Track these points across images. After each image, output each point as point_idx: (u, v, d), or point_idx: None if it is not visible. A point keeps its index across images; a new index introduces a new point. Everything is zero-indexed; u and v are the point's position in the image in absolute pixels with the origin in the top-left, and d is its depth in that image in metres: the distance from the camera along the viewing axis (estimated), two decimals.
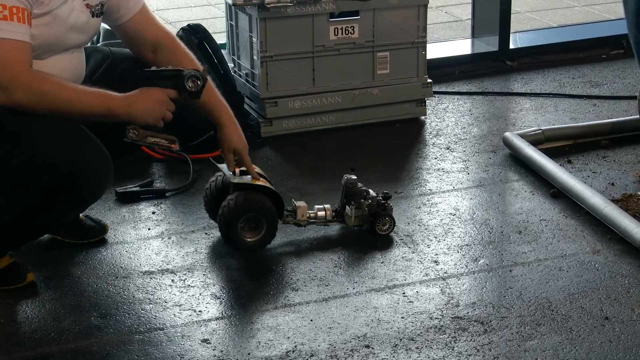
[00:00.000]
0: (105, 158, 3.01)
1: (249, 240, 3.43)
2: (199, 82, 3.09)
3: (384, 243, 3.51)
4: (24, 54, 2.90)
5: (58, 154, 2.92)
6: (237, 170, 3.45)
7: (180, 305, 3.15)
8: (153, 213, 3.78)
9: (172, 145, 3.23)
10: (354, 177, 3.58)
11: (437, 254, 3.44)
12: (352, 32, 4.44)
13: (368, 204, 3.54)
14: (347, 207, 3.54)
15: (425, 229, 3.62)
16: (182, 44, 3.42)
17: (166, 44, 3.34)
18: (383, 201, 3.57)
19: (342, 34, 4.43)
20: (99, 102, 2.99)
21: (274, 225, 3.44)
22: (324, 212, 3.56)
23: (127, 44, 3.36)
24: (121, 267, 3.39)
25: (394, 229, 3.56)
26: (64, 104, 2.94)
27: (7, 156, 2.94)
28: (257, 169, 3.48)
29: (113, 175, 3.07)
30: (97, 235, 3.58)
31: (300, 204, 3.54)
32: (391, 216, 3.55)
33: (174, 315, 3.10)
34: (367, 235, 3.56)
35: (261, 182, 3.42)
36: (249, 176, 3.43)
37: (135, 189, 3.92)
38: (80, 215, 3.59)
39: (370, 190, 3.60)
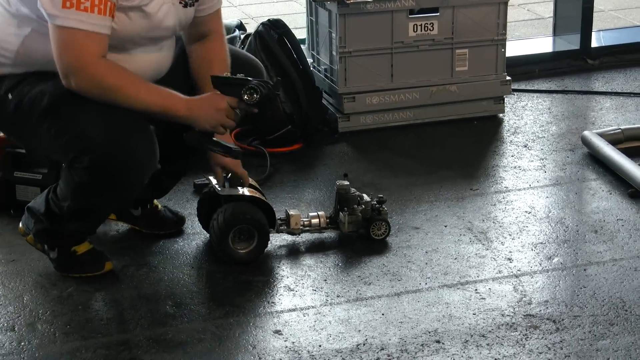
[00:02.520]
0: (151, 148, 3.03)
1: (240, 251, 3.38)
2: (255, 95, 3.05)
3: (457, 239, 3.51)
4: (97, 46, 2.93)
5: (105, 135, 2.94)
6: (226, 179, 3.40)
7: (254, 297, 3.18)
8: None
9: (227, 155, 3.22)
10: (346, 182, 3.52)
11: (511, 252, 3.43)
12: (432, 28, 4.44)
13: (362, 209, 3.49)
14: (341, 213, 3.51)
15: (500, 227, 3.61)
16: (227, 45, 3.40)
17: (211, 39, 3.34)
18: (378, 205, 3.51)
19: (421, 31, 4.43)
20: (157, 102, 3.01)
21: (266, 236, 3.40)
22: (317, 220, 3.53)
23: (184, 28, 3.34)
24: (196, 258, 3.44)
25: (391, 232, 3.52)
26: (123, 99, 2.97)
27: (60, 131, 2.98)
28: (250, 181, 3.46)
29: (156, 166, 3.09)
30: (174, 227, 3.63)
31: (294, 212, 3.51)
32: (386, 220, 3.50)
33: (248, 306, 3.13)
34: (441, 230, 3.56)
35: (250, 192, 3.40)
36: (239, 188, 3.40)
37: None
38: (159, 206, 3.64)
39: (364, 195, 3.56)
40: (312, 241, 3.53)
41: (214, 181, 3.44)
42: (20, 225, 3.38)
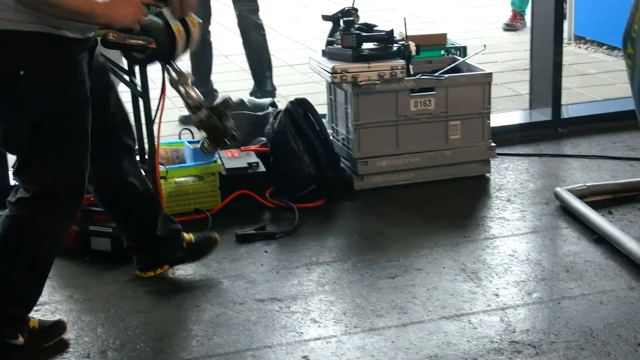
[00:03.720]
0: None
1: None
2: None
3: (453, 278, 3.50)
4: None
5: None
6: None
7: (285, 328, 3.19)
8: (265, 252, 3.82)
9: (150, 45, 2.89)
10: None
11: (497, 288, 3.42)
12: (429, 104, 4.45)
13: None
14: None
15: (488, 267, 3.60)
16: None
17: None
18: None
19: (420, 106, 4.44)
20: (81, 6, 2.74)
21: None
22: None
23: None
24: (238, 296, 3.44)
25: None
26: (52, 5, 2.69)
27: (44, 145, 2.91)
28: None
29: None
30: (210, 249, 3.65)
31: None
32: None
33: (280, 335, 3.13)
34: (440, 271, 3.56)
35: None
36: None
37: (251, 231, 3.96)
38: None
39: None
40: (333, 280, 3.53)
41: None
42: None
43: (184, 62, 5.77)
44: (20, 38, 2.75)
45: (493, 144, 4.58)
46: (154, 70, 3.98)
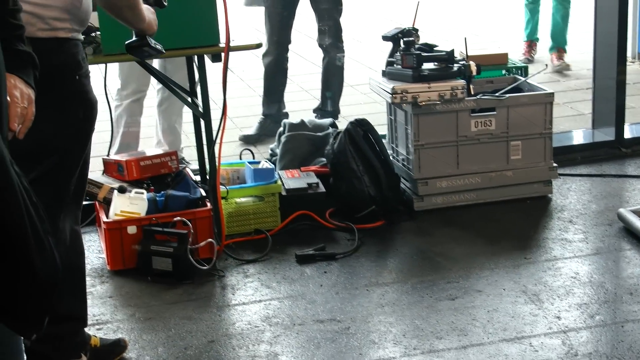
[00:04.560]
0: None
1: None
2: None
3: (514, 300, 3.46)
4: None
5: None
6: None
7: (344, 349, 3.17)
8: (325, 272, 3.82)
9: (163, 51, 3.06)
10: None
11: (559, 311, 3.37)
12: (490, 124, 4.42)
13: None
14: None
15: (550, 289, 3.55)
16: None
17: None
18: None
19: (481, 126, 4.41)
20: (144, 12, 2.85)
21: None
22: None
23: None
24: (298, 316, 3.44)
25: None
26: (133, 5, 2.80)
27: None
28: None
29: None
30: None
31: None
32: None
33: (340, 356, 3.12)
34: (500, 293, 3.52)
35: None
36: None
37: (311, 252, 3.96)
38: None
39: None
40: (393, 302, 3.51)
41: None
42: None
43: (258, 83, 5.85)
44: (73, 45, 2.80)
45: (555, 165, 4.53)
46: (216, 91, 4.03)
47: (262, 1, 5.71)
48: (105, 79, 4.35)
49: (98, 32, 3.73)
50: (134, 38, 2.99)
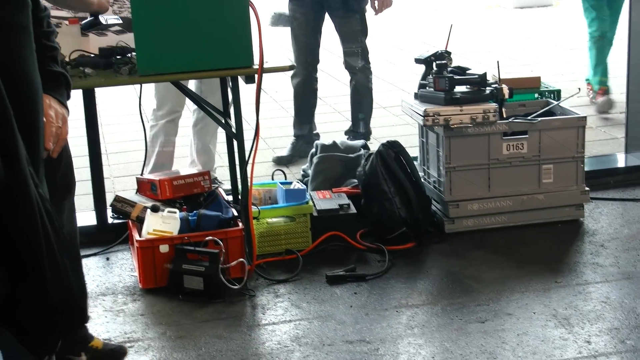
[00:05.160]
0: None
1: None
2: None
3: (544, 324, 3.45)
4: None
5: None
6: None
7: None
8: (355, 293, 3.82)
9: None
10: None
11: (590, 335, 3.35)
12: (522, 147, 4.42)
13: None
14: None
15: (580, 314, 3.53)
16: None
17: None
18: None
19: (513, 150, 4.41)
20: None
21: None
22: None
23: None
24: (327, 337, 3.44)
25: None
26: None
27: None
28: None
29: None
30: None
31: None
32: None
33: None
34: (530, 316, 3.50)
35: None
36: None
37: (341, 273, 3.96)
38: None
39: None
40: (422, 324, 3.51)
41: None
42: None
43: (291, 104, 5.88)
44: None
45: (587, 188, 4.51)
46: (249, 112, 4.06)
47: (287, 22, 5.75)
48: (140, 99, 4.41)
49: (134, 53, 3.79)
50: (88, 18, 3.65)
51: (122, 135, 6.50)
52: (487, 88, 4.41)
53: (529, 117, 4.48)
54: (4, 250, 1.86)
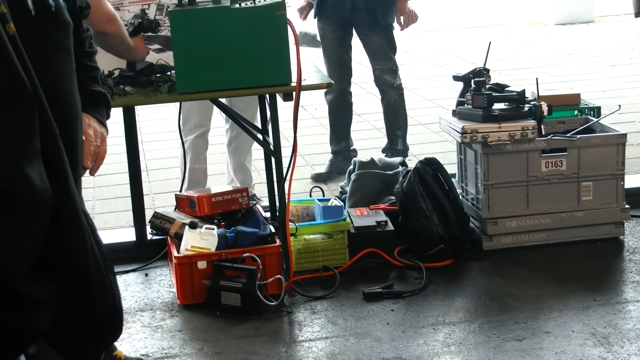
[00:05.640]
0: None
1: None
2: None
3: (582, 343, 3.42)
4: None
5: None
6: None
7: None
8: (392, 310, 3.82)
9: None
10: None
11: (629, 355, 3.32)
12: (561, 165, 4.40)
13: None
14: None
15: (620, 332, 3.50)
16: None
17: None
18: None
19: (552, 167, 4.39)
20: None
21: None
22: None
23: None
24: (364, 354, 3.44)
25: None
26: None
27: None
28: None
29: None
30: None
31: None
32: None
33: None
34: (569, 334, 3.48)
35: None
36: None
37: (378, 290, 3.96)
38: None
39: None
40: (459, 341, 3.50)
41: None
42: None
43: (321, 121, 5.90)
44: None
45: (627, 206, 4.47)
46: (288, 129, 4.09)
47: (312, 42, 5.77)
48: (179, 117, 4.45)
49: (173, 71, 3.83)
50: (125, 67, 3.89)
51: (163, 152, 6.56)
52: (526, 105, 4.40)
53: (568, 134, 4.46)
54: (55, 269, 1.89)
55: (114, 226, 4.95)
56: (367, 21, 5.58)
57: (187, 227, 3.99)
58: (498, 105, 4.41)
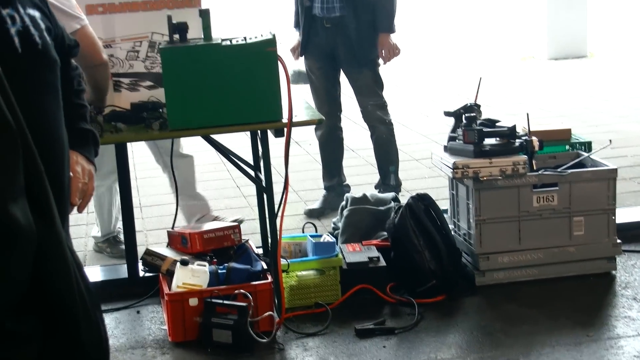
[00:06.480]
0: None
1: None
2: None
3: None
4: None
5: None
6: None
7: None
8: (384, 347, 3.80)
9: None
10: None
11: None
12: (552, 200, 4.40)
13: None
14: None
15: None
16: None
17: None
18: None
19: (543, 202, 4.39)
20: None
21: None
22: None
23: None
24: None
25: None
26: None
27: None
28: None
29: None
30: None
31: None
32: None
33: None
34: None
35: None
36: None
37: (370, 326, 3.95)
38: None
39: None
40: None
41: None
42: None
43: (315, 157, 5.90)
44: None
45: (619, 241, 4.47)
46: (280, 165, 4.09)
47: (306, 79, 5.78)
48: (171, 153, 4.46)
49: (164, 108, 3.84)
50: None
51: (157, 189, 6.55)
52: (517, 140, 4.41)
53: (559, 169, 4.47)
54: (40, 305, 1.89)
55: (106, 263, 4.94)
56: (349, 58, 5.57)
57: (178, 264, 3.98)
58: (489, 141, 4.42)
